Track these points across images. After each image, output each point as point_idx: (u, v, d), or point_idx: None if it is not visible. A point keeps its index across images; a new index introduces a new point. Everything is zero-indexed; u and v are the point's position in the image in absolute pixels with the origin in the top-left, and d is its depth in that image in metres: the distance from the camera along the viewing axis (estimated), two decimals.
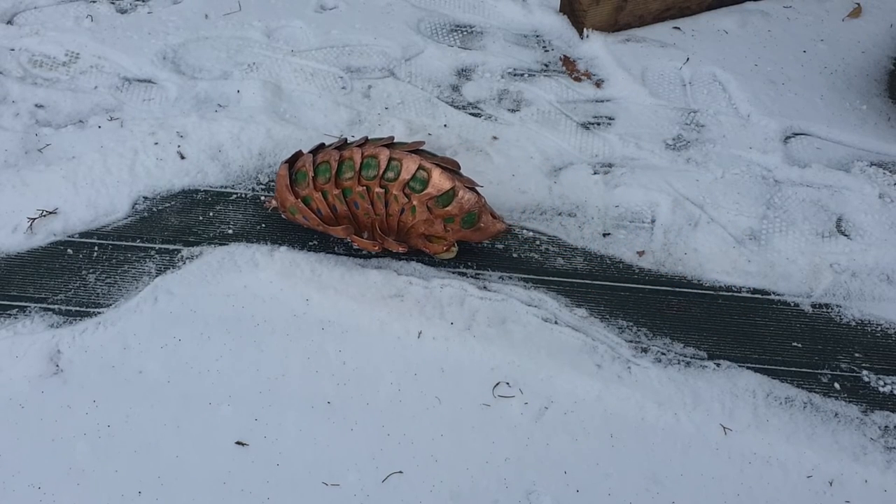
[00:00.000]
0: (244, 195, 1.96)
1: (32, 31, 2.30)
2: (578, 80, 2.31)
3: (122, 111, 2.11)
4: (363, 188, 1.71)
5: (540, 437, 1.55)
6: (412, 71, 2.30)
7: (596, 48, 2.38)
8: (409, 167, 1.69)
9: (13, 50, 2.26)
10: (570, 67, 2.34)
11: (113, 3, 2.45)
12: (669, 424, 1.58)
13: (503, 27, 2.47)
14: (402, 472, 1.50)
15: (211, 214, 1.91)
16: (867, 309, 1.81)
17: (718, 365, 1.68)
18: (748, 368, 1.68)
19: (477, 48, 2.39)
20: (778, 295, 1.83)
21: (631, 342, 1.72)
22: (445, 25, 2.47)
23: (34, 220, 1.84)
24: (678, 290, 1.83)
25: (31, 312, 1.70)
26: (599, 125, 2.18)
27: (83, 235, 1.85)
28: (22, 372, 1.58)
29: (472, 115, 2.18)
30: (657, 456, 1.54)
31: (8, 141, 1.98)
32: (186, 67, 2.25)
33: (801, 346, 1.74)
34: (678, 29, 2.47)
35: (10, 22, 2.35)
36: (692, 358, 1.70)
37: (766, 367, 1.69)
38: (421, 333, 1.68)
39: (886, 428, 1.60)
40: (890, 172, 2.07)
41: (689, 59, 2.36)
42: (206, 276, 1.76)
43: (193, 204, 1.93)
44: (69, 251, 1.82)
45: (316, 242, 1.86)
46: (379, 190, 1.70)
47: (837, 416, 1.61)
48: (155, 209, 1.91)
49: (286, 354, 1.64)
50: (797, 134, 2.18)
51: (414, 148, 1.73)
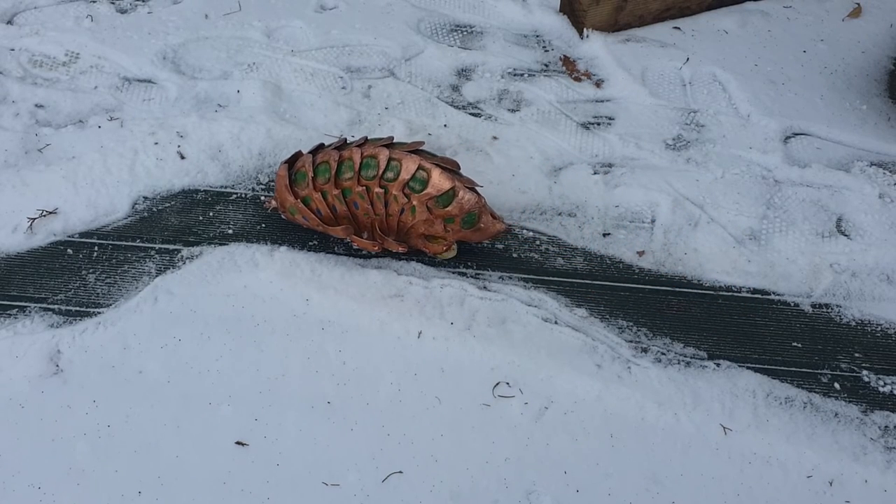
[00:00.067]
0: (244, 195, 1.96)
1: (32, 31, 2.30)
2: (578, 80, 2.31)
3: (122, 111, 2.11)
4: (363, 188, 1.71)
5: (540, 437, 1.55)
6: (412, 71, 2.30)
7: (596, 48, 2.38)
8: (408, 167, 1.68)
9: (13, 50, 2.26)
10: (570, 67, 2.34)
11: (113, 3, 2.44)
12: (669, 424, 1.58)
13: (503, 27, 2.47)
14: (402, 472, 1.50)
15: (211, 214, 1.91)
16: (867, 309, 1.81)
17: (718, 365, 1.68)
18: (748, 368, 1.68)
19: (477, 48, 2.39)
20: (778, 295, 1.83)
21: (631, 342, 1.72)
22: (445, 25, 2.47)
23: (34, 220, 1.84)
24: (678, 290, 1.83)
25: (31, 312, 1.70)
26: (599, 125, 2.18)
27: (83, 235, 1.85)
28: (22, 372, 1.58)
29: (472, 115, 2.18)
30: (657, 456, 1.54)
31: (8, 141, 1.98)
32: (186, 67, 2.25)
33: (801, 346, 1.74)
34: (678, 29, 2.47)
35: (10, 22, 2.35)
36: (692, 358, 1.70)
37: (766, 367, 1.69)
38: (421, 333, 1.68)
39: (886, 428, 1.60)
40: (890, 172, 2.07)
41: (689, 59, 2.36)
42: (206, 276, 1.76)
43: (193, 204, 1.93)
44: (69, 251, 1.82)
45: (316, 242, 1.86)
46: (378, 190, 1.70)
47: (837, 416, 1.61)
48: (155, 209, 1.91)
49: (286, 354, 1.64)
50: (797, 134, 2.18)
51: (413, 148, 1.73)
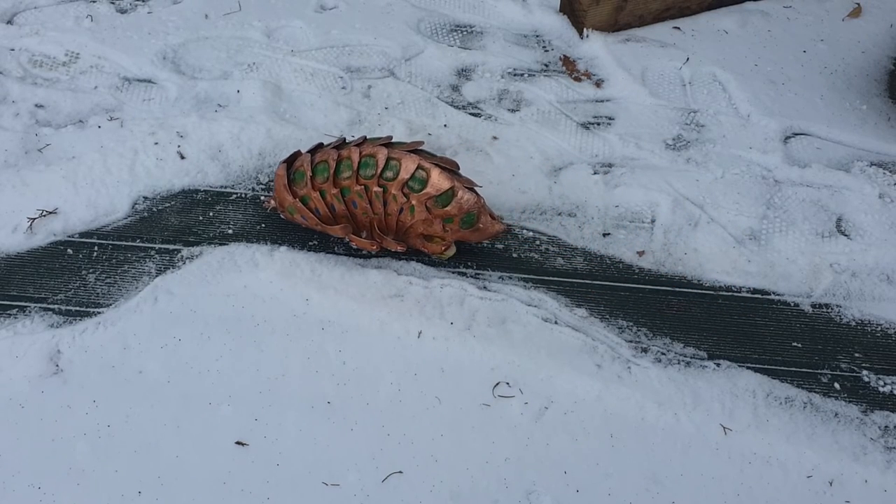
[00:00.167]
0: (244, 195, 1.96)
1: (32, 31, 2.30)
2: (578, 80, 2.31)
3: (122, 111, 2.11)
4: (361, 187, 1.71)
5: (540, 437, 1.55)
6: (412, 71, 2.30)
7: (596, 48, 2.38)
8: (407, 167, 1.68)
9: (13, 50, 2.26)
10: (570, 67, 2.34)
11: (113, 3, 2.44)
12: (669, 424, 1.58)
13: (503, 27, 2.47)
14: (402, 472, 1.50)
15: (211, 214, 1.91)
16: (867, 309, 1.81)
17: (718, 365, 1.68)
18: (748, 368, 1.68)
19: (477, 48, 2.39)
20: (778, 295, 1.83)
21: (631, 342, 1.72)
22: (445, 25, 2.47)
23: (34, 220, 1.84)
24: (678, 290, 1.83)
25: (31, 312, 1.70)
26: (599, 125, 2.18)
27: (83, 235, 1.85)
28: (22, 372, 1.58)
29: (472, 115, 2.18)
30: (657, 456, 1.54)
31: (8, 141, 1.98)
32: (186, 67, 2.25)
33: (801, 346, 1.74)
34: (678, 29, 2.47)
35: (10, 22, 2.35)
36: (692, 358, 1.70)
37: (766, 367, 1.69)
38: (421, 333, 1.68)
39: (886, 428, 1.60)
40: (890, 172, 2.07)
41: (689, 59, 2.36)
42: (206, 276, 1.76)
43: (193, 204, 1.93)
44: (69, 251, 1.82)
45: (316, 242, 1.86)
46: (377, 189, 1.70)
47: (837, 416, 1.61)
48: (155, 209, 1.91)
49: (286, 354, 1.64)
50: (797, 134, 2.18)
51: (413, 148, 1.73)
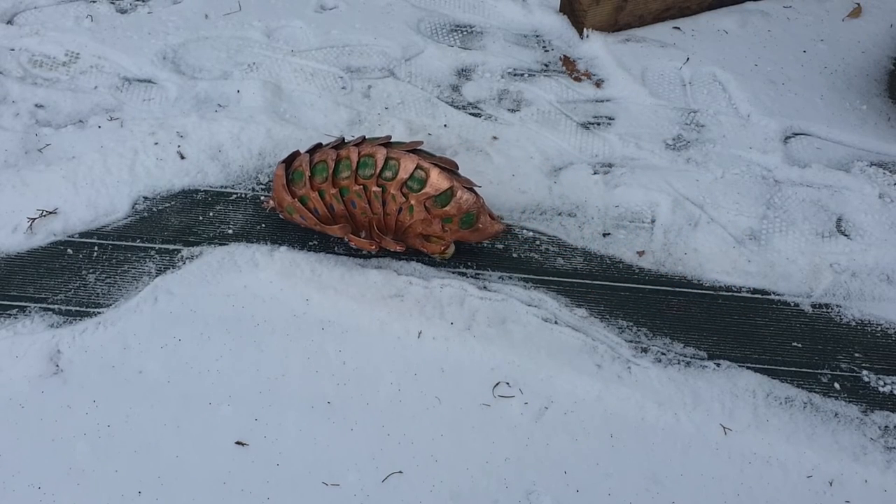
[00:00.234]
0: (244, 195, 1.96)
1: (32, 31, 2.30)
2: (578, 80, 2.31)
3: (122, 111, 2.11)
4: (360, 187, 1.71)
5: (540, 437, 1.55)
6: (412, 71, 2.30)
7: (596, 48, 2.38)
8: (406, 166, 1.68)
9: (13, 50, 2.26)
10: (570, 67, 2.34)
11: (113, 3, 2.44)
12: (669, 424, 1.58)
13: (503, 27, 2.47)
14: (402, 472, 1.49)
15: (211, 214, 1.91)
16: (867, 309, 1.81)
17: (718, 365, 1.68)
18: (748, 368, 1.68)
19: (477, 48, 2.39)
20: (778, 295, 1.83)
21: (631, 342, 1.72)
22: (445, 25, 2.47)
23: (34, 220, 1.84)
24: (678, 290, 1.83)
25: (31, 312, 1.70)
26: (599, 125, 2.18)
27: (83, 235, 1.85)
28: (22, 372, 1.58)
29: (472, 115, 2.18)
30: (657, 456, 1.54)
31: (8, 141, 1.98)
32: (186, 67, 2.25)
33: (801, 346, 1.74)
34: (678, 29, 2.47)
35: (10, 22, 2.35)
36: (692, 358, 1.70)
37: (766, 367, 1.69)
38: (421, 333, 1.68)
39: (886, 428, 1.60)
40: (890, 172, 2.07)
41: (689, 59, 2.36)
42: (206, 276, 1.76)
43: (193, 204, 1.93)
44: (69, 251, 1.82)
45: (316, 242, 1.86)
46: (376, 189, 1.70)
47: (837, 416, 1.61)
48: (155, 209, 1.91)
49: (286, 354, 1.64)
50: (797, 134, 2.18)
51: (411, 147, 1.73)
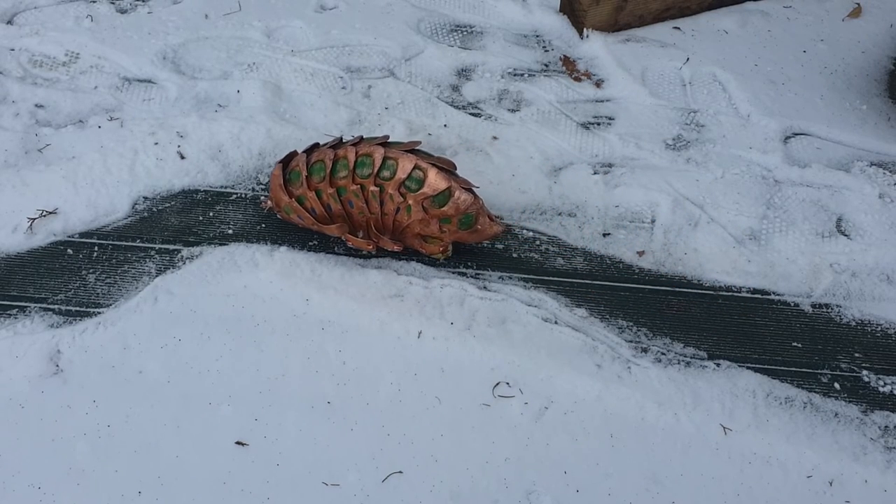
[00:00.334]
0: (244, 195, 1.96)
1: (32, 31, 2.30)
2: (578, 80, 2.31)
3: (122, 111, 2.11)
4: (357, 187, 1.71)
5: (540, 437, 1.55)
6: (412, 71, 2.30)
7: (596, 48, 2.38)
8: (404, 166, 1.68)
9: (13, 50, 2.26)
10: (570, 67, 2.34)
11: (113, 3, 2.44)
12: (669, 424, 1.58)
13: (503, 27, 2.47)
14: (402, 472, 1.49)
15: (211, 214, 1.91)
16: (867, 309, 1.81)
17: (718, 365, 1.68)
18: (748, 368, 1.68)
19: (477, 48, 2.39)
20: (778, 295, 1.83)
21: (631, 342, 1.72)
22: (445, 25, 2.47)
23: (34, 220, 1.84)
24: (678, 290, 1.83)
25: (31, 312, 1.70)
26: (599, 125, 2.18)
27: (83, 235, 1.85)
28: (22, 372, 1.58)
29: (472, 115, 2.18)
30: (657, 456, 1.54)
31: (8, 141, 1.98)
32: (186, 67, 2.25)
33: (801, 346, 1.74)
34: (678, 29, 2.47)
35: (10, 22, 2.35)
36: (692, 358, 1.70)
37: (766, 367, 1.69)
38: (421, 333, 1.68)
39: (886, 428, 1.60)
40: (890, 172, 2.07)
41: (689, 59, 2.36)
42: (206, 276, 1.76)
43: (193, 204, 1.93)
44: (69, 251, 1.82)
45: (316, 242, 1.86)
46: (374, 188, 1.70)
47: (837, 416, 1.61)
48: (155, 209, 1.91)
49: (286, 354, 1.64)
50: (797, 134, 2.18)
51: (409, 147, 1.73)
